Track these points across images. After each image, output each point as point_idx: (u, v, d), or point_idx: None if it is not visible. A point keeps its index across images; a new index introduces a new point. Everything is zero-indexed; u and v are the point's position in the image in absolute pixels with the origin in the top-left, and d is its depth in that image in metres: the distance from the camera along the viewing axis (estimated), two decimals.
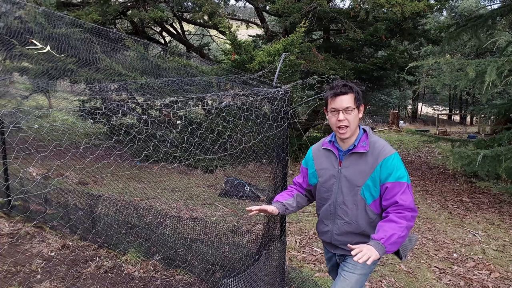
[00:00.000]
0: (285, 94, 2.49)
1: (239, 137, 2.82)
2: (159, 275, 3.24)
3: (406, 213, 1.72)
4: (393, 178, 1.76)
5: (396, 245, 1.69)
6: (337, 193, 1.89)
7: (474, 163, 5.37)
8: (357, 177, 1.82)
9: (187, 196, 5.95)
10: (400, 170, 1.77)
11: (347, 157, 1.86)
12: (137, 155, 5.86)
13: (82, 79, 6.71)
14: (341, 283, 1.90)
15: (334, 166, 1.90)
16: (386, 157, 1.78)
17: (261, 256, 2.61)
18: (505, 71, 4.96)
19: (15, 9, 6.05)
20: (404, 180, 1.76)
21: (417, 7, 7.46)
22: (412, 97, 30.14)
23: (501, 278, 3.46)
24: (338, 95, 1.79)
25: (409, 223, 1.71)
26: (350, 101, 1.79)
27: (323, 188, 1.96)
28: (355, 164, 1.84)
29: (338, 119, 1.79)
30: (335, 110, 1.81)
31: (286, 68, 6.46)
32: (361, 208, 1.84)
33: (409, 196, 1.75)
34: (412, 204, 1.74)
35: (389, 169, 1.77)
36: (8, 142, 4.15)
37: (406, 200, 1.74)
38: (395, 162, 1.78)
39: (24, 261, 3.36)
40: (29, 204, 4.38)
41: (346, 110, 1.78)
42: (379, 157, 1.79)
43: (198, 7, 9.41)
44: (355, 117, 1.80)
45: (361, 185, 1.81)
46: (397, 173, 1.76)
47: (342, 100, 1.78)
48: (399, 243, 1.70)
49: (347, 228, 1.89)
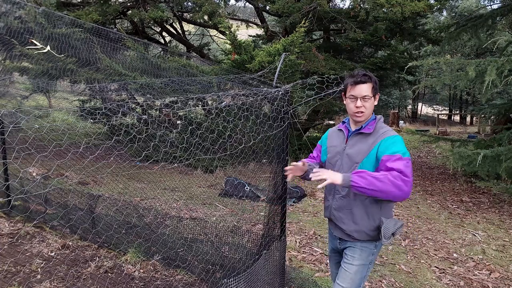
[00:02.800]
0: (285, 94, 2.48)
1: (239, 137, 2.82)
2: (159, 275, 3.24)
3: (393, 172, 1.71)
4: (389, 151, 1.81)
5: (365, 182, 1.67)
6: (339, 169, 1.99)
7: (474, 163, 5.36)
8: (357, 154, 1.93)
9: (187, 196, 5.95)
10: (397, 146, 1.81)
11: (353, 137, 1.99)
12: (137, 155, 5.86)
13: (82, 79, 6.71)
14: (342, 274, 2.00)
15: (341, 143, 2.04)
16: (386, 137, 1.86)
17: (261, 256, 2.61)
18: (505, 71, 4.96)
19: (15, 9, 6.06)
20: (399, 153, 1.78)
21: (417, 7, 7.47)
22: (412, 97, 30.15)
23: (501, 278, 3.46)
24: (358, 83, 1.90)
25: (394, 179, 1.68)
26: (368, 90, 1.90)
27: (329, 164, 2.09)
28: (358, 143, 1.95)
29: (356, 105, 1.91)
30: (354, 97, 1.93)
31: (286, 68, 6.46)
32: None
33: (401, 164, 1.73)
34: (401, 167, 1.71)
35: (387, 145, 1.84)
36: (8, 142, 4.15)
37: (395, 164, 1.74)
38: (394, 140, 1.84)
39: (24, 261, 3.36)
40: (29, 204, 4.38)
41: (364, 98, 1.90)
42: (379, 137, 1.89)
43: (198, 7, 9.41)
44: (371, 104, 1.93)
45: (359, 162, 1.91)
46: (394, 148, 1.81)
47: (362, 89, 1.90)
48: (370, 182, 1.67)
49: (342, 203, 1.99)
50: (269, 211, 2.67)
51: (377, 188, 1.68)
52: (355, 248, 1.99)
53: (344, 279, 1.98)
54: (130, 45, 6.63)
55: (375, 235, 1.95)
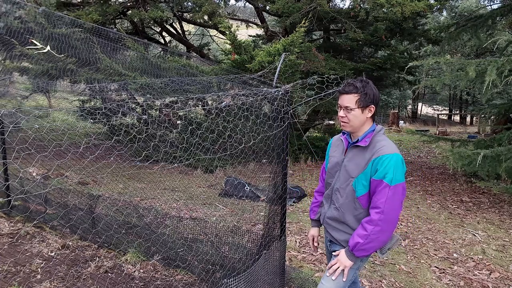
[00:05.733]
0: (285, 94, 2.48)
1: (239, 137, 2.82)
2: (159, 275, 3.24)
3: (373, 217, 1.76)
4: (378, 176, 1.77)
5: (364, 251, 1.81)
6: (336, 180, 2.00)
7: (474, 163, 5.36)
8: (353, 168, 1.90)
9: (187, 196, 5.95)
10: (389, 170, 1.75)
11: (350, 149, 1.97)
12: (137, 155, 5.86)
13: (82, 79, 6.70)
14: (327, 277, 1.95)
15: (341, 155, 2.03)
16: (380, 155, 1.79)
17: (261, 256, 2.61)
18: (505, 71, 4.96)
19: (15, 9, 6.05)
20: (386, 181, 1.74)
21: (417, 7, 7.45)
22: (412, 97, 30.16)
23: (501, 278, 3.46)
24: (341, 93, 1.90)
25: (375, 228, 1.75)
26: (351, 101, 1.85)
27: (329, 173, 2.08)
28: (355, 156, 1.92)
29: (339, 114, 1.92)
30: (339, 105, 1.94)
31: (286, 68, 6.46)
32: (350, 198, 1.91)
33: (383, 196, 1.74)
34: (382, 204, 1.74)
35: (378, 166, 1.79)
36: (8, 142, 4.14)
37: (378, 199, 1.76)
38: (388, 162, 1.76)
39: (24, 261, 3.36)
40: (29, 204, 4.38)
41: (346, 108, 1.88)
42: (374, 154, 1.82)
43: (198, 7, 9.40)
44: (354, 116, 1.85)
45: (355, 177, 1.88)
46: (384, 172, 1.75)
47: (344, 99, 1.89)
48: (367, 248, 1.80)
49: (335, 213, 1.99)
50: (269, 211, 2.67)
51: (377, 245, 1.80)
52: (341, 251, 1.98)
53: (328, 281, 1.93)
54: (130, 45, 6.63)
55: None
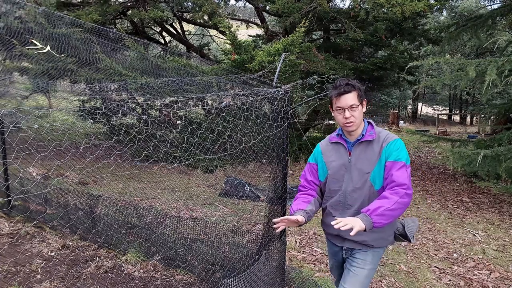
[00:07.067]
0: (285, 94, 2.48)
1: (239, 137, 2.82)
2: (159, 275, 3.24)
3: (399, 190, 1.77)
4: (393, 157, 1.85)
5: (384, 218, 1.73)
6: (347, 182, 1.94)
7: (474, 163, 5.36)
8: (366, 164, 1.90)
9: (187, 196, 5.95)
10: (400, 152, 1.85)
11: (356, 147, 1.94)
12: (137, 155, 5.85)
13: (82, 79, 6.70)
14: (351, 278, 1.93)
15: (343, 157, 1.97)
16: (390, 141, 1.88)
17: (261, 256, 2.61)
18: (505, 71, 4.96)
19: (15, 9, 6.05)
20: (402, 160, 1.83)
21: (417, 7, 7.45)
22: (412, 97, 30.15)
23: (501, 278, 3.45)
24: (342, 94, 1.88)
25: (402, 199, 1.76)
26: (354, 99, 1.88)
27: (333, 180, 1.99)
28: (364, 152, 1.92)
29: (345, 116, 1.88)
30: (340, 108, 1.90)
31: (286, 68, 6.46)
32: (370, 194, 1.90)
33: (404, 173, 1.81)
34: (405, 180, 1.79)
35: (391, 150, 1.86)
36: (8, 142, 4.14)
37: (399, 176, 1.80)
38: (397, 145, 1.87)
39: (24, 261, 3.36)
40: (29, 204, 4.38)
41: (351, 107, 1.87)
42: (384, 142, 1.89)
43: (198, 7, 9.41)
44: (359, 112, 1.90)
45: (370, 171, 1.89)
46: (397, 153, 1.85)
47: (347, 99, 1.87)
48: (388, 216, 1.73)
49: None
50: (269, 211, 2.67)
51: (395, 217, 1.77)
52: (367, 252, 1.95)
53: (354, 284, 1.92)
54: (130, 45, 6.63)
55: (392, 239, 2.01)
